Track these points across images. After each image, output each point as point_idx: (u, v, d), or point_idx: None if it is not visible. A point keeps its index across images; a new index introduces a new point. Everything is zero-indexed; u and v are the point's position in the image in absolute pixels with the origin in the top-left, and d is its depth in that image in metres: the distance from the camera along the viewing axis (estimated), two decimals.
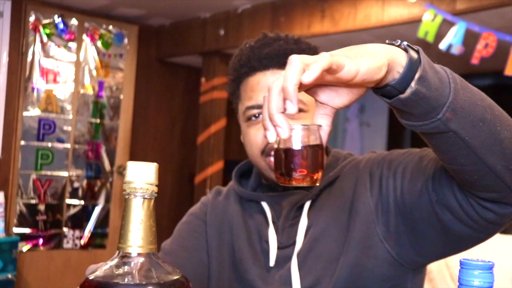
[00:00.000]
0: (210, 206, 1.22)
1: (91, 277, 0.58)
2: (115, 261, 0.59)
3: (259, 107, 1.08)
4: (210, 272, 1.16)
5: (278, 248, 1.09)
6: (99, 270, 0.59)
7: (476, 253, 2.24)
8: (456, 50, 2.67)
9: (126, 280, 0.57)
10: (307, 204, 1.10)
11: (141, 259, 0.58)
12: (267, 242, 1.10)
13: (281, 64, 1.08)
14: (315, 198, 1.10)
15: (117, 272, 0.57)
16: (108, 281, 0.57)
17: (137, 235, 0.58)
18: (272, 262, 1.08)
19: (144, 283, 0.56)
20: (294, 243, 1.07)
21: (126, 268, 0.58)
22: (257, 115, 1.09)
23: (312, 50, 1.13)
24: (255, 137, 1.09)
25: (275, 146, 0.73)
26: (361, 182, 1.06)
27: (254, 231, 1.13)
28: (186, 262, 1.13)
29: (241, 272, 1.11)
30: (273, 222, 1.12)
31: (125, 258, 0.58)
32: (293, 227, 1.09)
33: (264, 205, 1.14)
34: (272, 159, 1.06)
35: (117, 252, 0.59)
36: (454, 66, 3.67)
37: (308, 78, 0.65)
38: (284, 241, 1.09)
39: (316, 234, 1.06)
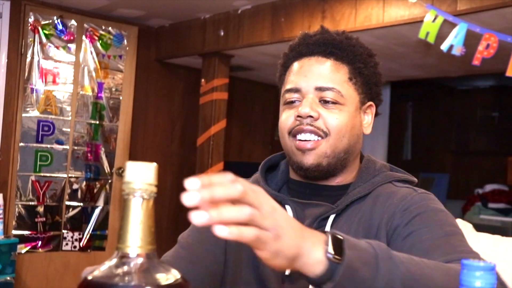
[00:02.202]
0: None
1: (90, 277, 0.57)
2: (114, 261, 0.58)
3: (297, 90, 1.08)
4: (225, 271, 1.11)
5: None
6: (98, 270, 0.58)
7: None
8: (457, 51, 2.66)
9: (124, 280, 0.56)
10: (331, 218, 1.06)
11: (140, 260, 0.58)
12: None
13: (327, 52, 1.09)
14: (340, 212, 1.06)
15: (116, 273, 0.57)
16: (107, 282, 0.56)
17: (136, 235, 0.58)
18: (287, 271, 1.03)
19: (142, 284, 0.56)
20: None
21: (125, 268, 0.57)
22: (293, 100, 1.09)
23: (362, 50, 1.13)
24: (286, 119, 1.09)
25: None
26: (385, 218, 1.02)
27: None
28: (200, 258, 1.09)
29: (260, 276, 1.07)
30: None
31: (124, 258, 0.58)
32: None
33: (288, 209, 1.10)
34: (299, 143, 1.05)
35: (116, 252, 0.59)
36: (455, 67, 3.68)
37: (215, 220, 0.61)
38: None
39: None
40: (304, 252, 0.68)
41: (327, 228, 1.05)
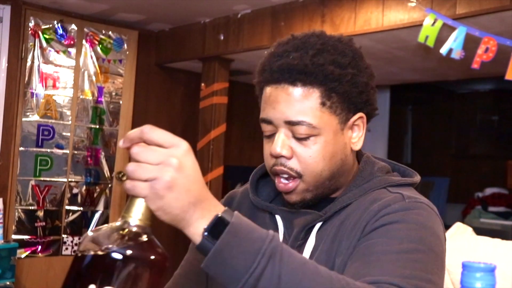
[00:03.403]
0: None
1: (91, 233, 0.70)
2: (117, 224, 0.70)
3: (269, 122, 1.01)
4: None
5: None
6: (101, 228, 0.70)
7: (477, 258, 2.22)
8: (457, 54, 2.66)
9: (115, 240, 0.67)
10: (317, 226, 1.03)
11: (136, 229, 0.69)
12: None
13: (292, 79, 0.97)
14: (328, 218, 1.03)
15: (112, 232, 0.69)
16: (101, 240, 0.68)
17: (139, 210, 0.70)
18: None
19: (130, 244, 0.67)
20: None
21: (122, 232, 0.69)
22: (268, 134, 1.03)
23: (332, 67, 0.98)
24: (267, 153, 1.03)
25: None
26: (363, 224, 0.97)
27: None
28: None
29: None
30: (284, 239, 1.06)
31: (125, 224, 0.69)
32: (301, 247, 1.03)
33: (278, 219, 1.08)
34: (279, 183, 1.01)
35: (120, 218, 0.70)
36: (454, 70, 3.68)
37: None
38: None
39: (321, 258, 0.99)
40: (187, 219, 0.71)
41: (312, 236, 1.02)
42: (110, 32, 3.98)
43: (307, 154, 0.98)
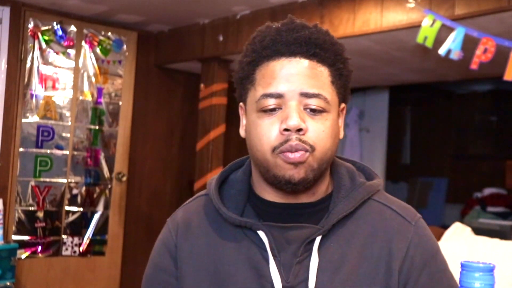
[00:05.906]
0: (180, 250, 1.05)
1: None
2: None
3: (278, 96, 0.95)
4: None
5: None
6: None
7: (476, 258, 2.23)
8: (455, 55, 2.67)
9: None
10: (317, 240, 0.98)
11: None
12: (269, 282, 0.97)
13: (310, 53, 0.97)
14: (325, 232, 0.99)
15: None
16: None
17: None
18: None
19: None
20: (304, 281, 0.96)
21: None
22: (272, 107, 0.96)
23: (341, 47, 1.03)
24: (269, 131, 0.95)
25: None
26: (388, 256, 0.99)
27: (247, 270, 0.99)
28: None
29: None
30: (274, 256, 0.98)
31: None
32: (301, 264, 0.98)
33: (262, 235, 0.99)
34: (289, 154, 0.93)
35: None
36: (453, 71, 3.69)
37: None
38: (291, 280, 0.96)
39: (326, 276, 0.97)
40: None
41: (314, 251, 0.97)
42: (109, 33, 3.98)
43: (320, 129, 0.95)
